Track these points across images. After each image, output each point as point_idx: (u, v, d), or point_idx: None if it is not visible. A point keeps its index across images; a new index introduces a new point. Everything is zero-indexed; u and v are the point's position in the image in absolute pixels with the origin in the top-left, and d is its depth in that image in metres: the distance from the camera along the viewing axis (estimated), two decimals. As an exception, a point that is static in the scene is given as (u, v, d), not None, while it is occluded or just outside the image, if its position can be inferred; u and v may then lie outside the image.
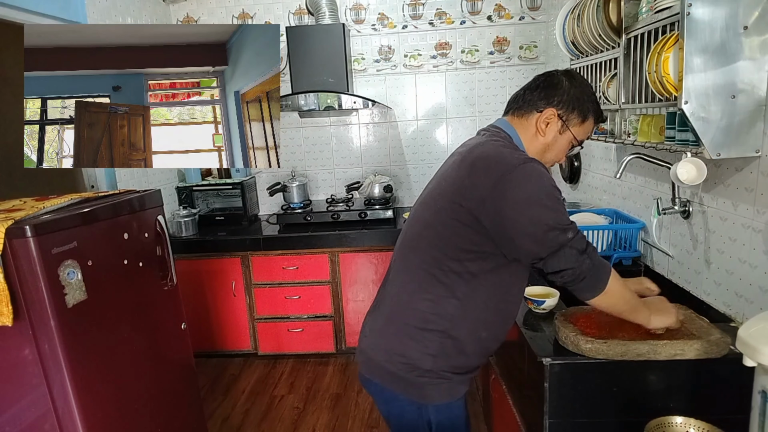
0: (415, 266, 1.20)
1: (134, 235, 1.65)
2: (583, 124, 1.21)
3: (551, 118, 1.18)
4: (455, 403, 1.23)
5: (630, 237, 1.91)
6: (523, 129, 1.22)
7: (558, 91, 1.18)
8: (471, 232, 1.11)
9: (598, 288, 1.10)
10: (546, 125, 1.19)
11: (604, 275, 1.10)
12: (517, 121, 1.23)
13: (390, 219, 2.97)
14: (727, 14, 1.16)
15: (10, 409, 1.36)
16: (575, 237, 1.06)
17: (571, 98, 1.18)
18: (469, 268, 1.13)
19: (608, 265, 1.12)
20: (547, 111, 1.18)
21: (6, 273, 1.24)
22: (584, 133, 1.23)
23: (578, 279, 1.07)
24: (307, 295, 2.93)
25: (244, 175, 3.20)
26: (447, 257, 1.14)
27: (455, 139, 3.28)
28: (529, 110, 1.21)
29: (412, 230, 1.25)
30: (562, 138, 1.20)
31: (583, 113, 1.19)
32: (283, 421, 2.45)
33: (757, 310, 1.30)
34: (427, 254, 1.18)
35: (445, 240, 1.14)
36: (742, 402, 0.99)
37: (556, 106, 1.18)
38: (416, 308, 1.18)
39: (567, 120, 1.19)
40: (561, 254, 1.05)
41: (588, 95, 1.20)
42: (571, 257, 1.06)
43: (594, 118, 1.22)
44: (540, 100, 1.19)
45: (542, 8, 3.04)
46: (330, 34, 2.85)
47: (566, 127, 1.19)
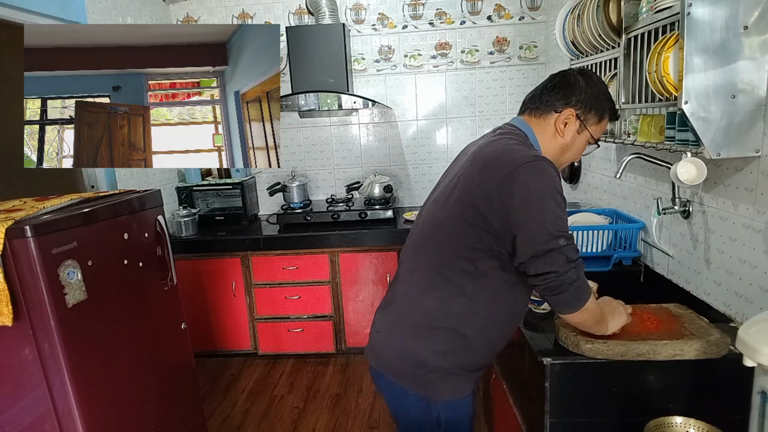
0: (424, 264, 1.21)
1: (134, 235, 1.65)
2: (600, 122, 1.22)
3: (569, 118, 1.19)
4: (463, 401, 1.23)
5: (630, 237, 1.91)
6: (541, 129, 1.22)
7: (576, 91, 1.18)
8: (480, 230, 1.11)
9: (577, 305, 1.09)
10: (564, 125, 1.19)
11: (585, 296, 1.09)
12: (534, 121, 1.23)
13: (390, 219, 2.97)
14: (727, 14, 1.16)
15: (10, 409, 1.36)
16: (568, 245, 1.05)
17: (589, 98, 1.18)
18: (478, 266, 1.13)
19: (589, 287, 1.11)
20: (566, 111, 1.19)
21: (6, 273, 1.24)
22: (600, 131, 1.24)
23: (559, 288, 1.05)
24: (307, 295, 2.93)
25: (244, 175, 3.20)
26: (456, 255, 1.14)
27: (455, 139, 3.28)
28: (547, 111, 1.21)
29: (423, 228, 1.25)
30: (580, 138, 1.21)
31: (600, 112, 1.20)
32: (283, 421, 2.45)
33: (757, 310, 1.30)
34: (436, 252, 1.18)
35: (454, 238, 1.15)
36: (741, 402, 0.99)
37: (574, 106, 1.18)
38: (425, 306, 1.19)
39: (585, 120, 1.19)
40: (549, 257, 1.03)
41: (604, 94, 1.21)
42: (558, 262, 1.03)
43: (609, 116, 1.23)
44: (558, 101, 1.19)
45: (542, 8, 3.04)
46: (330, 34, 2.85)
47: (584, 127, 1.19)
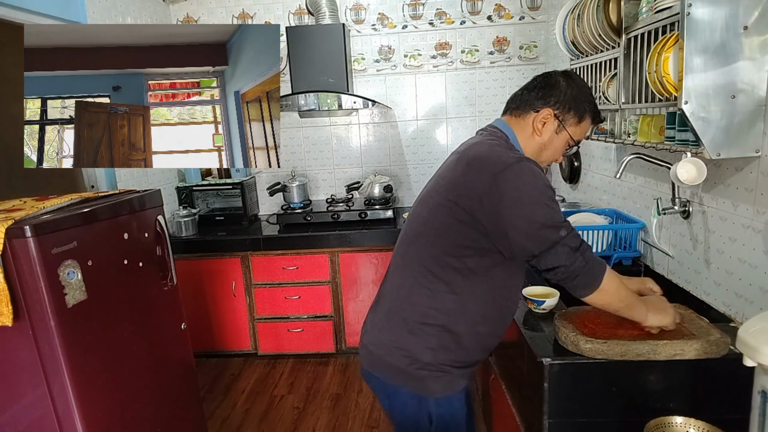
0: (413, 262, 1.22)
1: (134, 235, 1.65)
2: (580, 124, 1.22)
3: (548, 117, 1.20)
4: (455, 396, 1.24)
5: (630, 237, 1.91)
6: (520, 129, 1.23)
7: (555, 91, 1.19)
8: (468, 229, 1.12)
9: (592, 285, 1.10)
10: (542, 125, 1.21)
11: (599, 273, 1.11)
12: (514, 121, 1.25)
13: (390, 219, 2.97)
14: (727, 14, 1.16)
15: (10, 409, 1.36)
16: (568, 235, 1.08)
17: (568, 98, 1.19)
18: (466, 264, 1.15)
19: (603, 263, 1.13)
20: (544, 111, 1.20)
21: (6, 273, 1.24)
22: (581, 133, 1.24)
23: (571, 276, 1.09)
24: (307, 295, 2.93)
25: (244, 175, 3.20)
26: (445, 253, 1.16)
27: (455, 139, 3.28)
28: (527, 110, 1.22)
29: (411, 227, 1.27)
30: (558, 138, 1.22)
31: (579, 113, 1.21)
32: (283, 421, 2.45)
33: (757, 310, 1.30)
34: (425, 251, 1.19)
35: (442, 237, 1.16)
36: (742, 402, 0.99)
37: (552, 106, 1.20)
38: (415, 303, 1.20)
39: (563, 120, 1.20)
40: (554, 251, 1.07)
41: (585, 96, 1.22)
42: (564, 254, 1.07)
43: (591, 119, 1.24)
44: (537, 100, 1.21)
45: (542, 8, 3.04)
46: (330, 34, 2.85)
47: (563, 127, 1.21)
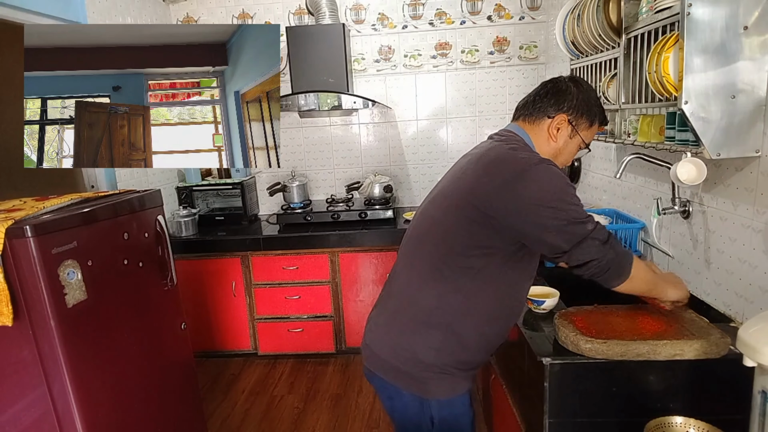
0: (421, 261, 1.22)
1: (134, 235, 1.65)
2: (591, 127, 1.26)
3: (562, 123, 1.23)
4: (458, 399, 1.24)
5: (630, 237, 1.91)
6: (535, 134, 1.26)
7: (567, 97, 1.22)
8: (480, 229, 1.13)
9: (623, 276, 1.13)
10: (557, 131, 1.23)
11: (627, 263, 1.13)
12: (528, 127, 1.27)
13: (390, 219, 2.97)
14: (727, 14, 1.16)
15: (10, 409, 1.36)
16: (595, 228, 1.09)
17: (580, 103, 1.22)
18: (475, 264, 1.15)
19: (630, 253, 1.15)
20: (558, 117, 1.23)
21: (6, 273, 1.24)
22: (591, 136, 1.28)
23: (603, 270, 1.10)
24: (307, 295, 2.92)
25: (244, 175, 3.20)
26: (454, 253, 1.16)
27: (455, 139, 3.28)
28: (540, 117, 1.24)
29: (420, 227, 1.27)
30: (572, 142, 1.25)
31: (590, 117, 1.24)
32: (283, 421, 2.45)
33: (757, 310, 1.30)
34: (434, 250, 1.20)
35: (452, 236, 1.17)
36: (742, 402, 0.99)
37: (566, 111, 1.22)
38: (421, 303, 1.20)
39: (576, 125, 1.23)
40: (584, 246, 1.08)
41: (594, 100, 1.25)
42: (594, 248, 1.08)
43: (600, 122, 1.27)
44: (550, 107, 1.23)
45: (542, 8, 3.04)
46: (330, 34, 2.85)
47: (576, 132, 1.23)
